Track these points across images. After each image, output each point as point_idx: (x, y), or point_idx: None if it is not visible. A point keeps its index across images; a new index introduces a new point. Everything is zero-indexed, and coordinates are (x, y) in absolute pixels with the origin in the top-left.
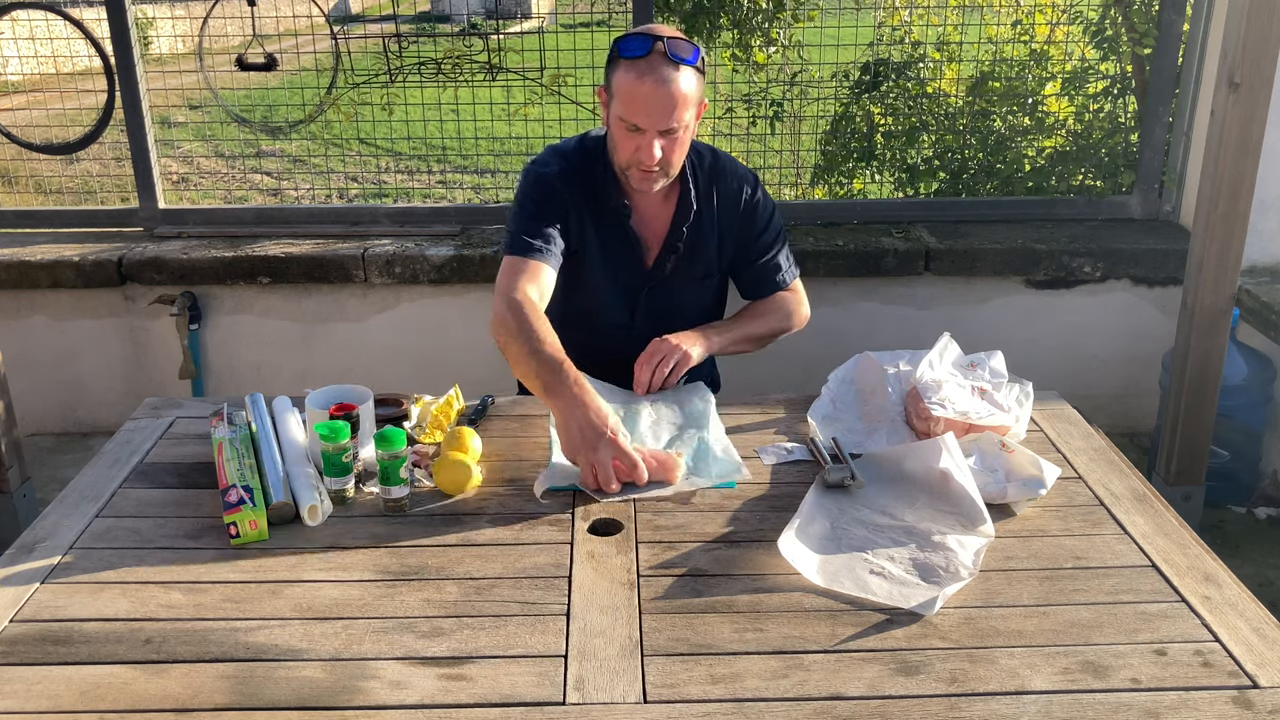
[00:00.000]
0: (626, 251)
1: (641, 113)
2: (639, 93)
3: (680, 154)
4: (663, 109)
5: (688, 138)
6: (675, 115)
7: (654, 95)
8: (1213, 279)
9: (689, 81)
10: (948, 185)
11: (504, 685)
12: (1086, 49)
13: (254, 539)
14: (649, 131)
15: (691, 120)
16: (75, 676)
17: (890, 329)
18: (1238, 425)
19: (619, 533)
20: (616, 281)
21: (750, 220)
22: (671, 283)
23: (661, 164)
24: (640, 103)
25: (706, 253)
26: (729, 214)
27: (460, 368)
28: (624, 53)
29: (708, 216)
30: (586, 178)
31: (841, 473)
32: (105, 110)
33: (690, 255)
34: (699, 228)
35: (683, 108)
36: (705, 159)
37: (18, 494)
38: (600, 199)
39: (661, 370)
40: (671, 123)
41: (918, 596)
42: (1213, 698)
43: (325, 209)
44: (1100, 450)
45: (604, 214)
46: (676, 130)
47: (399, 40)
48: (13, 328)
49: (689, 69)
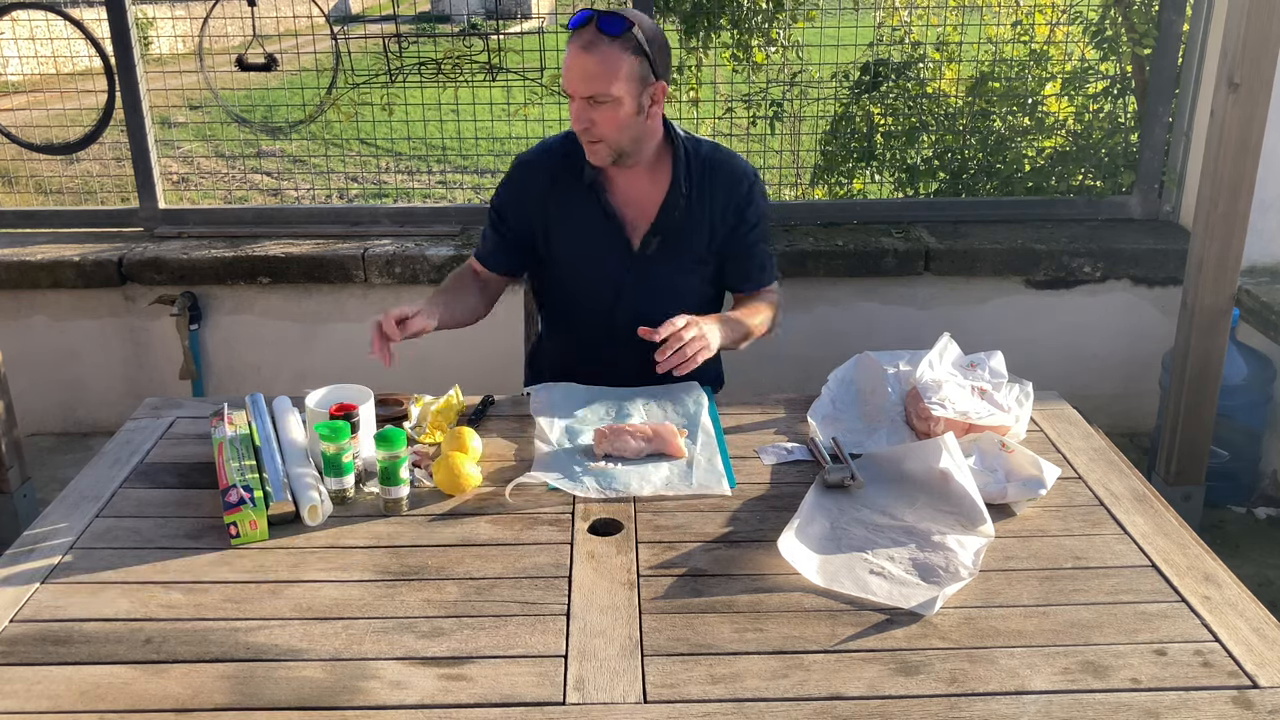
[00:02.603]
0: (608, 229)
1: (568, 79)
2: (567, 60)
3: (614, 128)
4: (582, 75)
5: (621, 114)
6: (594, 82)
7: (576, 62)
8: (1212, 279)
9: (615, 52)
10: (948, 185)
11: (504, 685)
12: (1086, 49)
13: (254, 539)
14: (576, 98)
15: (625, 95)
16: (75, 676)
17: (890, 329)
18: (1238, 425)
19: (619, 533)
20: (597, 261)
21: (743, 213)
22: (658, 267)
23: (595, 134)
24: (567, 70)
25: (696, 240)
26: (724, 205)
27: (460, 368)
28: (569, 26)
29: (700, 204)
30: (566, 159)
31: (841, 473)
32: (105, 110)
33: (678, 240)
34: (689, 212)
35: (602, 77)
36: (703, 148)
37: (18, 494)
38: (576, 173)
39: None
40: (590, 90)
41: (918, 596)
42: (1212, 698)
43: (325, 209)
44: (1100, 450)
45: (579, 188)
46: (605, 101)
47: (399, 40)
48: (13, 328)
49: (616, 40)
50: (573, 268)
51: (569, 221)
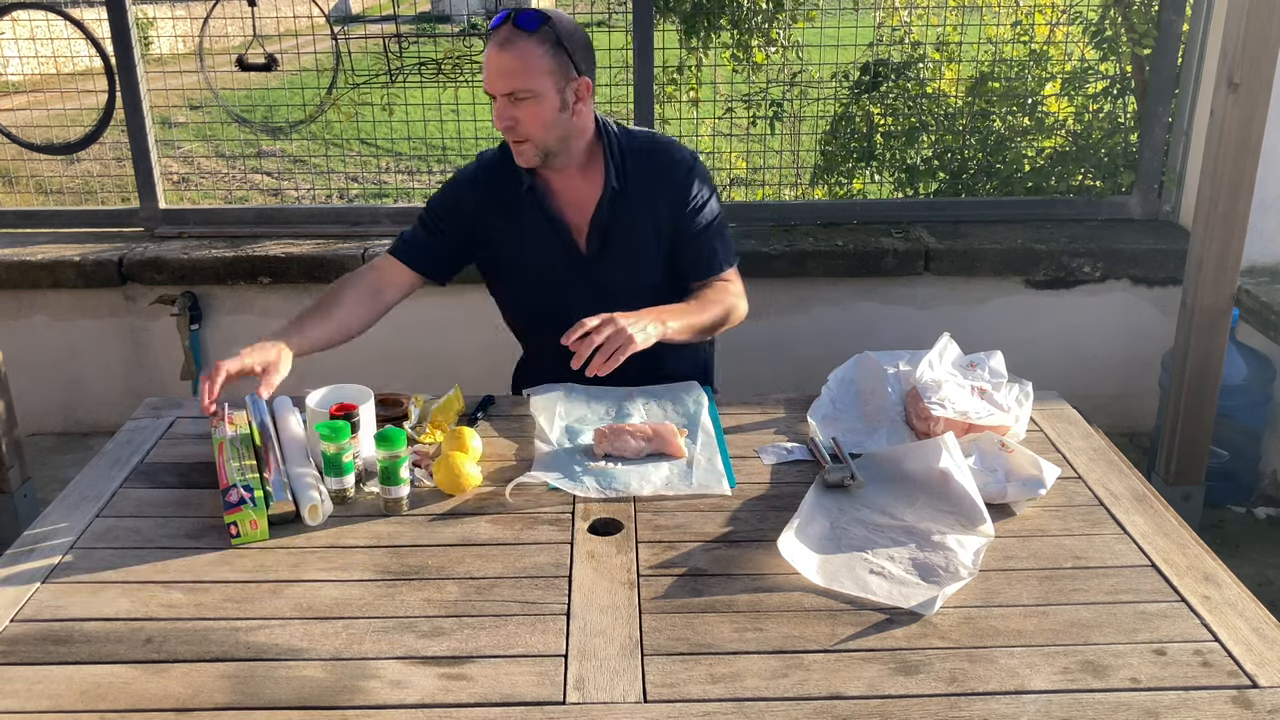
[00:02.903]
0: (552, 235)
1: (487, 78)
2: (487, 60)
3: (538, 125)
4: (500, 72)
5: (544, 110)
6: (513, 78)
7: (493, 59)
8: (1212, 279)
9: (532, 48)
10: (947, 185)
11: (504, 685)
12: (1086, 49)
13: (254, 539)
14: (498, 97)
15: (546, 90)
16: (75, 676)
17: (890, 329)
18: (1237, 425)
19: (619, 532)
20: (547, 269)
21: (682, 199)
22: (606, 266)
23: (519, 133)
24: (487, 69)
25: (640, 233)
26: (662, 193)
27: (460, 368)
28: (490, 29)
29: (640, 197)
30: (503, 171)
31: (841, 473)
32: (106, 110)
33: (621, 236)
34: (628, 206)
35: (523, 73)
36: (637, 139)
37: (18, 494)
38: (514, 184)
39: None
40: (510, 86)
41: (917, 596)
42: (1212, 697)
43: (326, 209)
44: (1100, 450)
45: (519, 197)
46: (525, 98)
47: (399, 40)
48: (13, 328)
49: (533, 36)
50: (525, 278)
51: (514, 233)
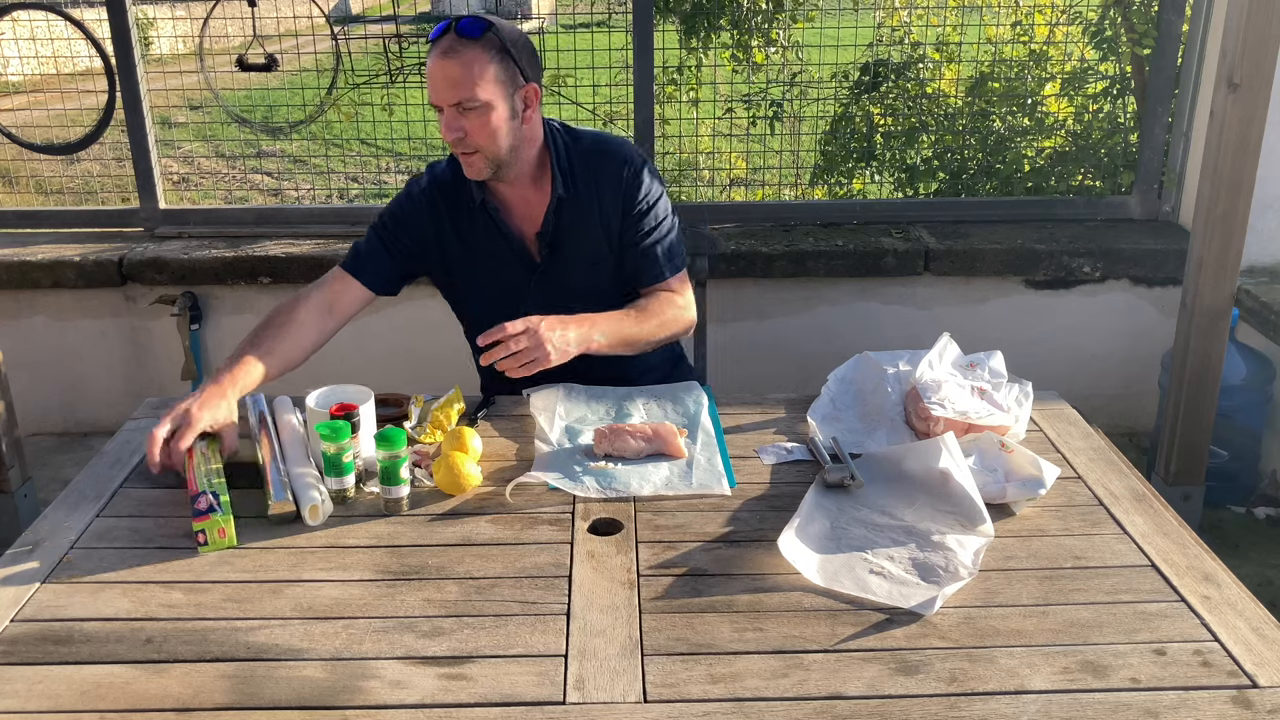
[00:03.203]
0: (506, 248)
1: (432, 89)
2: (430, 71)
3: (488, 135)
4: (446, 82)
5: (496, 119)
6: (462, 89)
7: (439, 69)
8: (1212, 279)
9: (477, 55)
10: (947, 185)
11: (504, 685)
12: (1086, 49)
13: (222, 546)
14: (444, 109)
15: (496, 99)
16: (76, 676)
17: (890, 329)
18: (1237, 425)
19: (619, 532)
20: (503, 282)
21: (630, 202)
22: (559, 275)
23: (469, 144)
24: (431, 80)
25: (590, 237)
26: (610, 194)
27: (460, 368)
28: (430, 39)
29: (588, 201)
30: (455, 185)
31: (841, 473)
32: (106, 110)
33: (571, 244)
34: (577, 211)
35: (470, 82)
36: (583, 142)
37: (18, 494)
38: (467, 199)
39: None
40: (458, 96)
41: (917, 596)
42: (1212, 697)
43: (326, 209)
44: (1099, 450)
45: (472, 215)
46: (474, 107)
47: (399, 40)
48: (14, 328)
49: (477, 44)
50: (483, 295)
51: (469, 253)
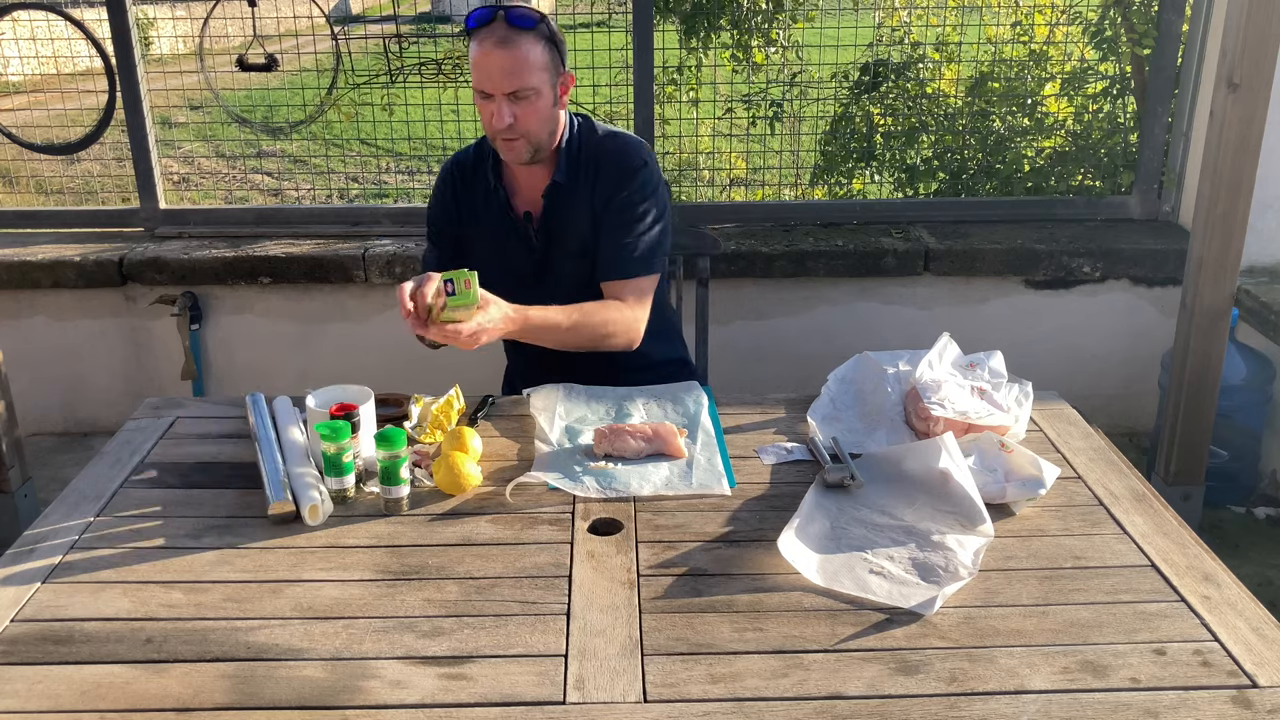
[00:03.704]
0: (512, 228)
1: (486, 78)
2: (483, 59)
3: (537, 121)
4: (503, 71)
5: (543, 105)
6: (519, 77)
7: (494, 58)
8: (1212, 279)
9: (532, 46)
10: (947, 185)
11: (504, 685)
12: (1086, 49)
13: (470, 299)
14: (497, 96)
15: (544, 86)
16: (76, 676)
17: (890, 329)
18: (1237, 425)
19: (619, 532)
20: (506, 263)
21: (614, 192)
22: (553, 259)
23: (517, 130)
24: (484, 68)
25: (581, 227)
26: (599, 186)
27: (460, 368)
28: (469, 26)
29: (583, 189)
30: (475, 164)
31: (841, 473)
32: (106, 110)
33: (564, 229)
34: (570, 199)
35: (526, 71)
36: (596, 135)
37: (19, 494)
38: (483, 180)
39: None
40: (515, 85)
41: (917, 596)
42: (1212, 697)
43: (326, 209)
44: (1099, 450)
45: (487, 195)
46: (526, 95)
47: (399, 41)
48: (14, 327)
49: (530, 34)
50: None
51: (480, 228)
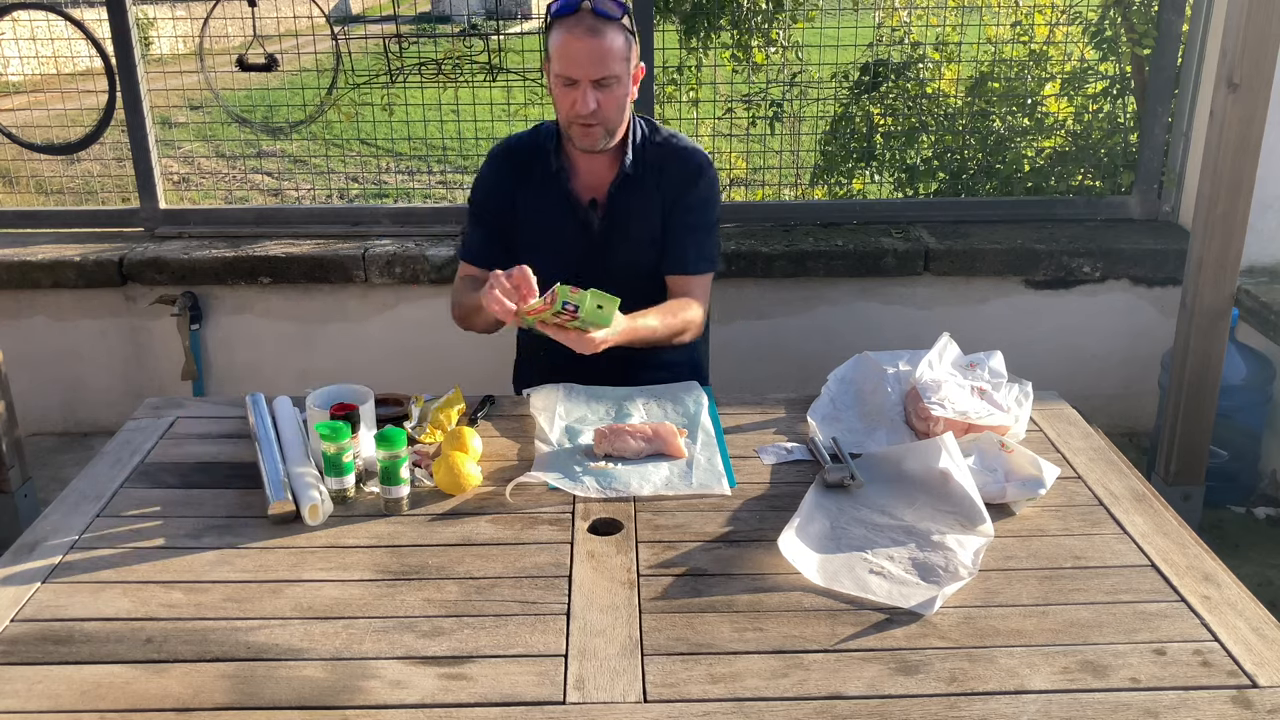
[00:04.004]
0: (568, 214)
1: (572, 64)
2: (569, 46)
3: (616, 109)
4: (590, 58)
5: (622, 94)
6: (604, 65)
7: (581, 46)
8: (1212, 279)
9: (615, 35)
10: (947, 185)
11: (504, 685)
12: (1086, 49)
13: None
14: (581, 82)
15: (624, 75)
16: (76, 676)
17: (890, 329)
18: (1237, 425)
19: (619, 532)
20: (558, 247)
21: (682, 192)
22: (613, 247)
23: (598, 117)
24: (570, 55)
25: (648, 219)
26: (673, 186)
27: (460, 368)
28: (555, 13)
29: (652, 184)
30: (532, 149)
31: (841, 472)
32: (106, 110)
33: (629, 219)
34: (638, 191)
35: (610, 59)
36: (661, 133)
37: (19, 494)
38: (544, 164)
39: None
40: (601, 72)
41: (917, 596)
42: (1212, 697)
43: (326, 209)
44: (1099, 450)
45: (546, 179)
46: (609, 83)
47: (399, 41)
48: (14, 327)
49: (614, 24)
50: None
51: (534, 211)
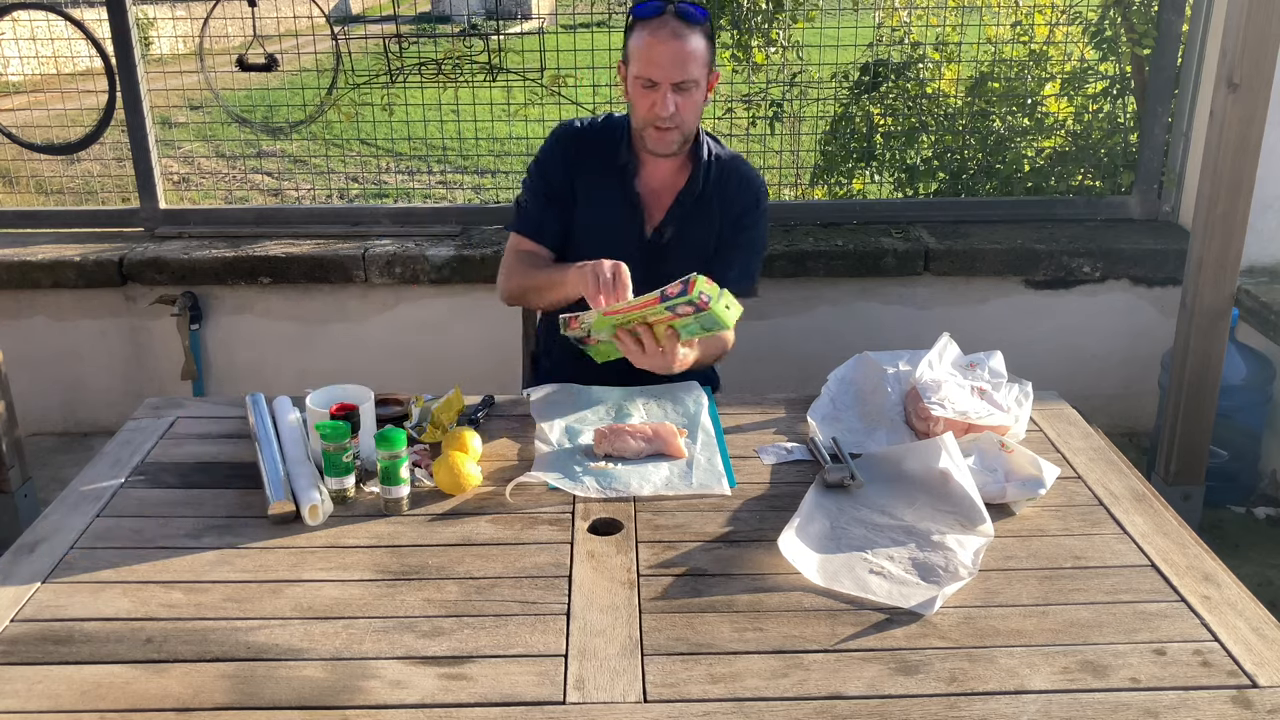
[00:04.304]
0: (626, 213)
1: (655, 67)
2: (653, 49)
3: (693, 113)
4: (673, 61)
5: (700, 98)
6: (686, 69)
7: (665, 49)
8: (1212, 279)
9: (698, 40)
10: (947, 185)
11: (504, 685)
12: (1086, 49)
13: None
14: (662, 85)
15: (702, 80)
16: (76, 676)
17: (890, 329)
18: (1237, 425)
19: (619, 532)
20: (611, 244)
21: (739, 215)
22: (666, 257)
23: (675, 120)
24: (655, 57)
25: (704, 235)
26: (731, 207)
27: (460, 368)
28: (639, 15)
29: (713, 201)
30: (602, 138)
31: (841, 472)
32: (106, 110)
33: (687, 232)
34: (703, 206)
35: (692, 63)
36: (726, 152)
37: (19, 494)
38: (610, 156)
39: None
40: (682, 76)
41: (917, 596)
42: (1212, 697)
43: (326, 209)
44: (1099, 450)
45: (610, 171)
46: (688, 87)
47: (399, 41)
48: (14, 328)
49: (698, 29)
50: (587, 249)
51: (594, 202)
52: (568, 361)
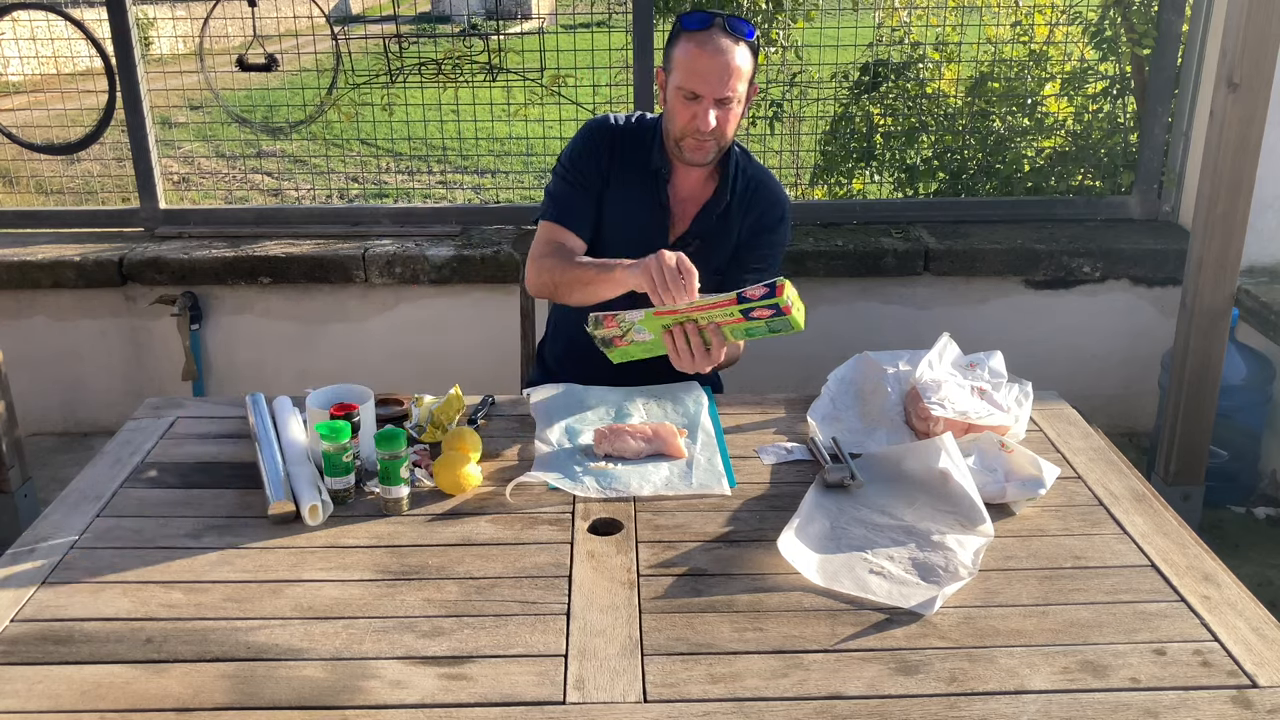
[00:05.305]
0: (653, 217)
1: (699, 80)
2: (698, 62)
3: (732, 126)
4: (719, 76)
5: (740, 112)
6: (730, 84)
7: (712, 63)
8: (1212, 279)
9: (744, 55)
10: (947, 185)
11: (504, 685)
12: (1086, 49)
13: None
14: (705, 98)
15: (744, 94)
16: (76, 676)
17: (890, 329)
18: (1237, 425)
19: (619, 532)
20: (634, 248)
21: (760, 232)
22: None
23: (715, 133)
24: (701, 71)
25: (723, 249)
26: (753, 222)
27: (460, 368)
28: (686, 26)
29: (736, 216)
30: (635, 138)
31: (841, 472)
32: (106, 110)
33: (709, 245)
34: (726, 220)
35: (737, 78)
36: (753, 165)
37: (19, 494)
38: (643, 158)
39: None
40: (726, 91)
41: (917, 596)
42: (1212, 697)
43: (326, 209)
44: (1099, 450)
45: (642, 173)
46: (731, 101)
47: (399, 41)
48: (14, 328)
49: (745, 43)
50: (610, 248)
51: (622, 202)
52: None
